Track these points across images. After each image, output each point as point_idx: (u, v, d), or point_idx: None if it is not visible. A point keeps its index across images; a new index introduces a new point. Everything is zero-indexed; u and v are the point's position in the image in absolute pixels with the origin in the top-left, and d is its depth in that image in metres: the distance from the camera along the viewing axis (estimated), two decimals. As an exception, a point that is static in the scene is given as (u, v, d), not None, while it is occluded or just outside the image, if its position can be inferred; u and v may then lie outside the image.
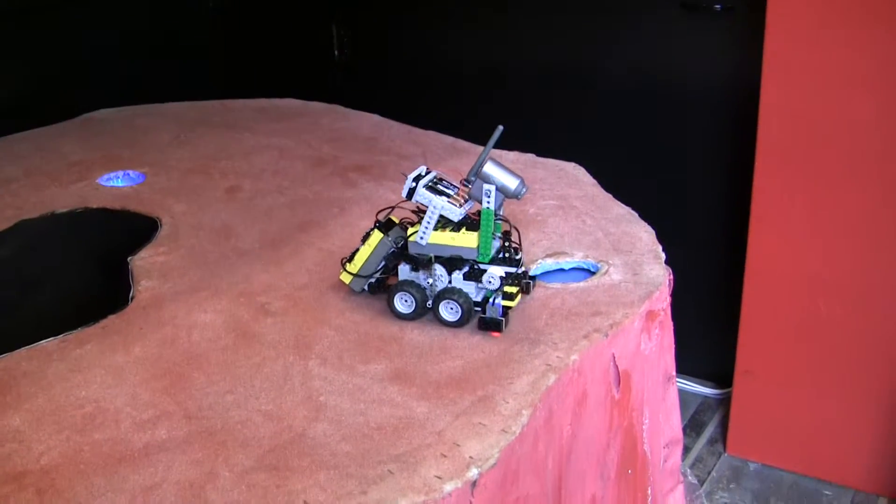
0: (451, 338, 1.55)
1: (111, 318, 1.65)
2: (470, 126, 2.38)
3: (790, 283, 2.69)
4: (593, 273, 1.78)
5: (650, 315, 1.67)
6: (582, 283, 1.73)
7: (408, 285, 1.60)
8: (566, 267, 1.82)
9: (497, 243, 1.57)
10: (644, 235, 1.91)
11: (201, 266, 1.84)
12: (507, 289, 1.55)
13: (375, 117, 2.77)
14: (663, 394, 1.83)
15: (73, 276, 2.17)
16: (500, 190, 1.52)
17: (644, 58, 3.06)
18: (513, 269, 1.56)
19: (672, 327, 1.79)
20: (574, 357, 1.48)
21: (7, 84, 3.07)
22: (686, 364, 2.16)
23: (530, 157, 2.35)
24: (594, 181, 2.21)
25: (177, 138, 2.59)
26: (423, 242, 1.57)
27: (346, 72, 3.76)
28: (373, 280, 1.67)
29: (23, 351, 1.55)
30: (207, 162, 2.40)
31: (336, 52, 3.74)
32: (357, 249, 1.66)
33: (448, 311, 1.58)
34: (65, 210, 2.14)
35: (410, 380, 1.43)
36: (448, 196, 1.56)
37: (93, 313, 1.66)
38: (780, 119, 2.55)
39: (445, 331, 1.57)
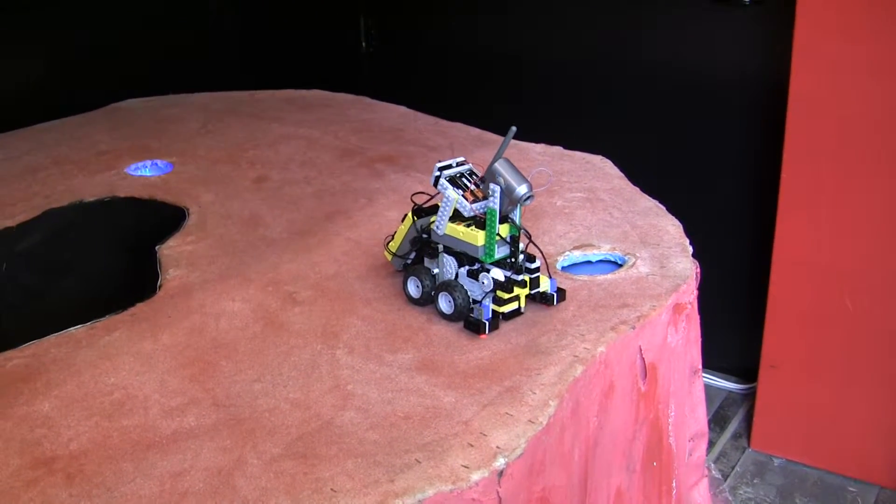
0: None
1: (139, 305, 1.66)
2: (497, 118, 2.37)
3: (817, 278, 2.68)
4: (620, 265, 1.78)
5: (677, 308, 1.67)
6: (609, 276, 1.72)
7: (421, 271, 1.61)
8: (593, 259, 1.82)
9: (506, 247, 1.56)
10: (671, 228, 1.90)
11: (229, 255, 1.85)
12: (500, 293, 1.53)
13: (402, 108, 2.77)
14: (689, 387, 1.82)
15: (101, 265, 2.19)
16: (505, 191, 1.51)
17: (673, 50, 3.04)
18: (510, 275, 1.55)
19: (698, 320, 1.79)
20: (601, 349, 1.47)
21: (36, 73, 3.09)
22: (711, 358, 2.16)
23: (557, 149, 2.35)
24: (621, 174, 2.20)
25: (204, 128, 2.60)
26: (440, 232, 1.59)
27: (373, 63, 3.76)
28: (408, 261, 1.68)
29: (52, 338, 1.56)
30: (235, 152, 2.41)
31: (363, 44, 3.74)
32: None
33: (445, 304, 1.58)
34: (93, 199, 2.15)
35: (438, 369, 1.43)
36: (466, 190, 1.56)
37: (121, 301, 1.67)
38: (808, 112, 2.54)
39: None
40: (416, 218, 1.64)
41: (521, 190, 1.50)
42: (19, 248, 2.04)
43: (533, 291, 1.58)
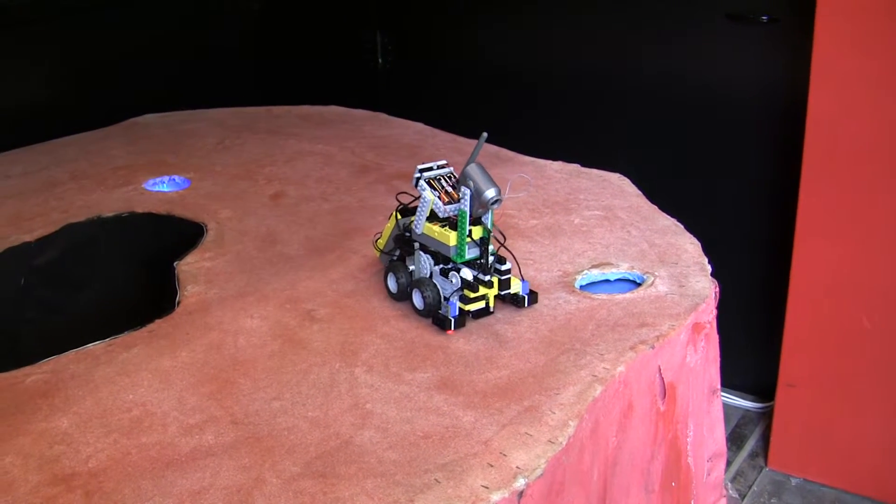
0: (497, 347, 1.54)
1: (158, 322, 1.66)
2: (515, 134, 2.38)
3: (834, 296, 2.67)
4: (639, 284, 1.77)
5: (696, 327, 1.66)
6: (628, 295, 1.72)
7: (399, 267, 1.68)
8: (612, 278, 1.81)
9: (475, 248, 1.60)
10: (690, 247, 1.90)
11: (247, 271, 1.85)
12: (467, 292, 1.58)
13: (418, 125, 2.77)
14: (708, 407, 1.81)
15: (119, 281, 2.19)
16: (475, 195, 1.55)
17: (691, 68, 3.04)
18: (478, 274, 1.59)
19: (717, 340, 1.78)
20: (620, 368, 1.47)
21: (52, 88, 3.10)
22: (727, 376, 2.14)
23: (575, 167, 2.34)
24: (639, 192, 2.20)
25: (221, 144, 2.60)
26: (418, 231, 1.64)
27: (389, 79, 3.77)
28: (394, 258, 1.73)
29: (70, 354, 1.56)
30: (252, 168, 2.41)
31: (380, 60, 3.75)
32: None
33: (418, 300, 1.63)
34: (111, 214, 2.15)
35: (457, 389, 1.43)
36: (443, 192, 1.61)
37: (139, 317, 1.67)
38: (826, 129, 2.53)
39: (491, 340, 1.57)
40: (399, 217, 1.69)
41: (489, 194, 1.54)
42: (38, 262, 2.05)
43: (503, 293, 1.63)
